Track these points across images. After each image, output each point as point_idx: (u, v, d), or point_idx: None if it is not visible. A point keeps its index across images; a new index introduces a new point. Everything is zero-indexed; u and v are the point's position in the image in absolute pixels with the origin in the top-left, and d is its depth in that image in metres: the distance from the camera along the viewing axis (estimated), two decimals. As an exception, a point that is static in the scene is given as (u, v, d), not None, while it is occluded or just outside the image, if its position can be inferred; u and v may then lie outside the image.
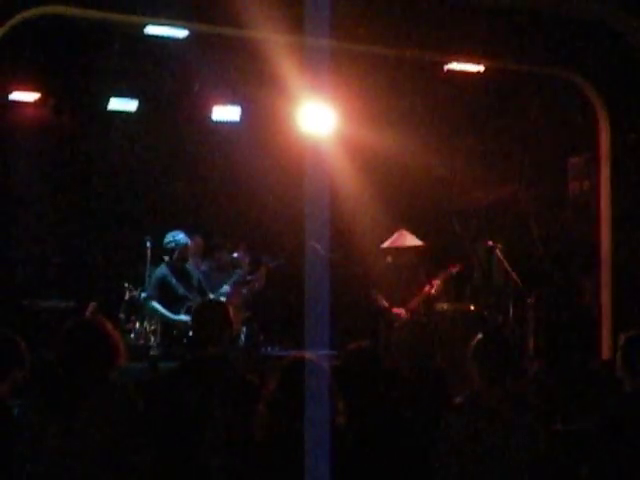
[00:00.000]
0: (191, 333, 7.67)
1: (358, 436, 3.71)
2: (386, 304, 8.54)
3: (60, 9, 7.53)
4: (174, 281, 8.43)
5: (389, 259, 8.84)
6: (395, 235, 8.93)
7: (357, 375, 3.94)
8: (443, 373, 4.12)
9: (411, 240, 8.84)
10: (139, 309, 8.84)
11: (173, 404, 4.22)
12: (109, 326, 3.61)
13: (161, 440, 3.96)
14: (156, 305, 8.37)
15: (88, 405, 3.44)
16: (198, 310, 4.80)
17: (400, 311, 8.44)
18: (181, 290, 8.44)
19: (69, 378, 3.50)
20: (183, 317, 8.25)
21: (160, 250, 8.67)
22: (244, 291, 9.51)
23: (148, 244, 8.88)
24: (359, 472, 3.59)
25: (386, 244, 8.93)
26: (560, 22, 8.31)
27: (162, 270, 8.47)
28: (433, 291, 8.59)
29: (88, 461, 3.40)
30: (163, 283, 8.40)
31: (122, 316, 8.84)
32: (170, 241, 8.47)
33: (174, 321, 8.30)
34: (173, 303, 8.40)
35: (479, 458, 3.73)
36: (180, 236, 8.52)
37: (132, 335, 8.63)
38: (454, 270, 8.83)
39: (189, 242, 8.63)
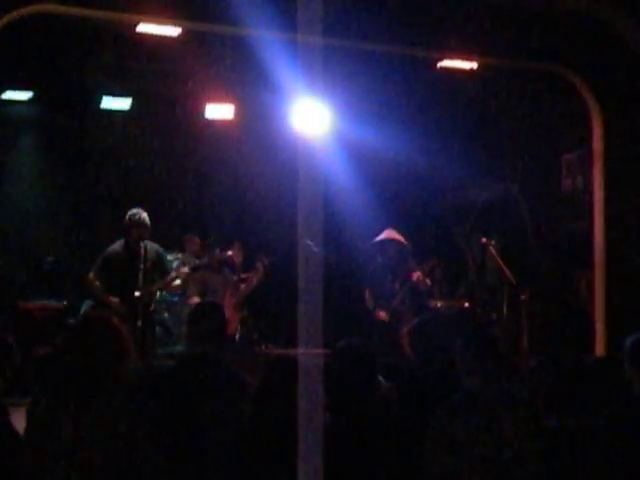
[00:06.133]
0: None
1: (347, 433, 3.71)
2: (370, 307, 8.24)
3: (53, 7, 7.51)
4: None
5: (378, 257, 8.47)
6: (383, 234, 8.54)
7: (347, 372, 3.94)
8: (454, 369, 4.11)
9: (397, 237, 8.45)
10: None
11: (167, 403, 4.23)
12: (117, 321, 3.58)
13: (160, 438, 3.97)
14: None
15: (98, 401, 3.42)
16: (193, 310, 4.85)
17: (382, 314, 8.11)
18: None
19: (78, 374, 3.47)
20: None
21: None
22: (241, 289, 9.50)
23: (142, 243, 8.84)
24: (349, 470, 3.60)
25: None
26: (552, 19, 8.32)
27: None
28: (415, 279, 8.19)
29: (99, 456, 3.38)
30: None
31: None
32: None
33: None
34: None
35: (472, 455, 3.73)
36: None
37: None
38: (427, 267, 8.55)
39: None
